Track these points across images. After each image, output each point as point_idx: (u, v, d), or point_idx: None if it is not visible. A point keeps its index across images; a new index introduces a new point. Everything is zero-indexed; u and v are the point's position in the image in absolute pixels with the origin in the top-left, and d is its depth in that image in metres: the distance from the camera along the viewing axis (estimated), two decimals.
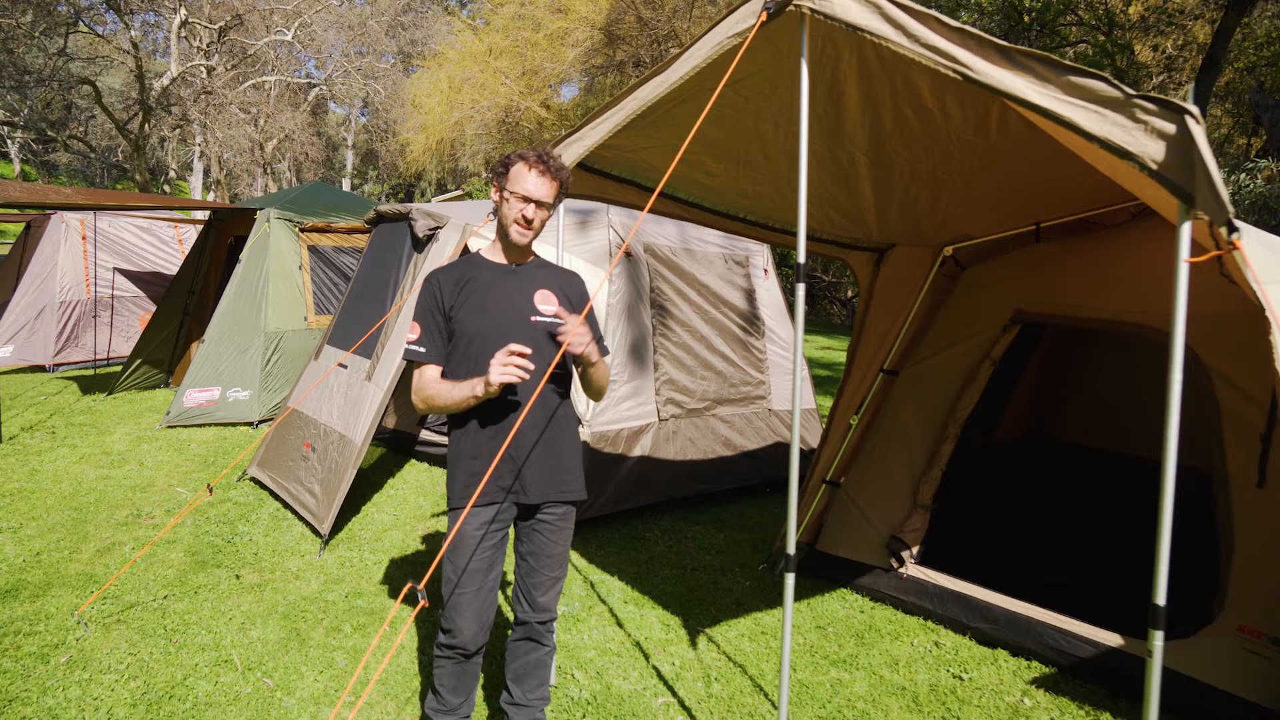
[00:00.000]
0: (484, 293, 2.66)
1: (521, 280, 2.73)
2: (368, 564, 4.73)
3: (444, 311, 2.64)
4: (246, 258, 8.00)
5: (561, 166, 2.67)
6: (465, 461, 2.66)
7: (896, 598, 4.62)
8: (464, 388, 2.50)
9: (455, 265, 2.74)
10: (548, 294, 2.75)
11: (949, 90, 3.13)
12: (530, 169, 2.61)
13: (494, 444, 2.62)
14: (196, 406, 7.71)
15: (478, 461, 2.64)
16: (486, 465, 2.61)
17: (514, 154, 2.66)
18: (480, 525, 2.67)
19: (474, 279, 2.68)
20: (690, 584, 4.75)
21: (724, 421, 6.26)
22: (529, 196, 2.59)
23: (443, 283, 2.67)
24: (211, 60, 28.62)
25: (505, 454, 2.63)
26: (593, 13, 22.11)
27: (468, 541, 2.66)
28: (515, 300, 2.69)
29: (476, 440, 2.65)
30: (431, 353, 2.64)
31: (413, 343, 2.65)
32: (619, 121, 2.92)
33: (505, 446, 2.55)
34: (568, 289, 2.82)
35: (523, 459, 2.67)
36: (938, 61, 2.20)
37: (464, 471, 2.66)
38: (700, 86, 2.87)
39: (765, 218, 4.03)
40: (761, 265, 6.84)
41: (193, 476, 6.26)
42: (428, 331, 2.65)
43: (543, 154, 2.64)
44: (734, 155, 3.37)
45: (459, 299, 2.65)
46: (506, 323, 2.64)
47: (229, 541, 4.97)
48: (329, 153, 44.26)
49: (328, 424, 5.37)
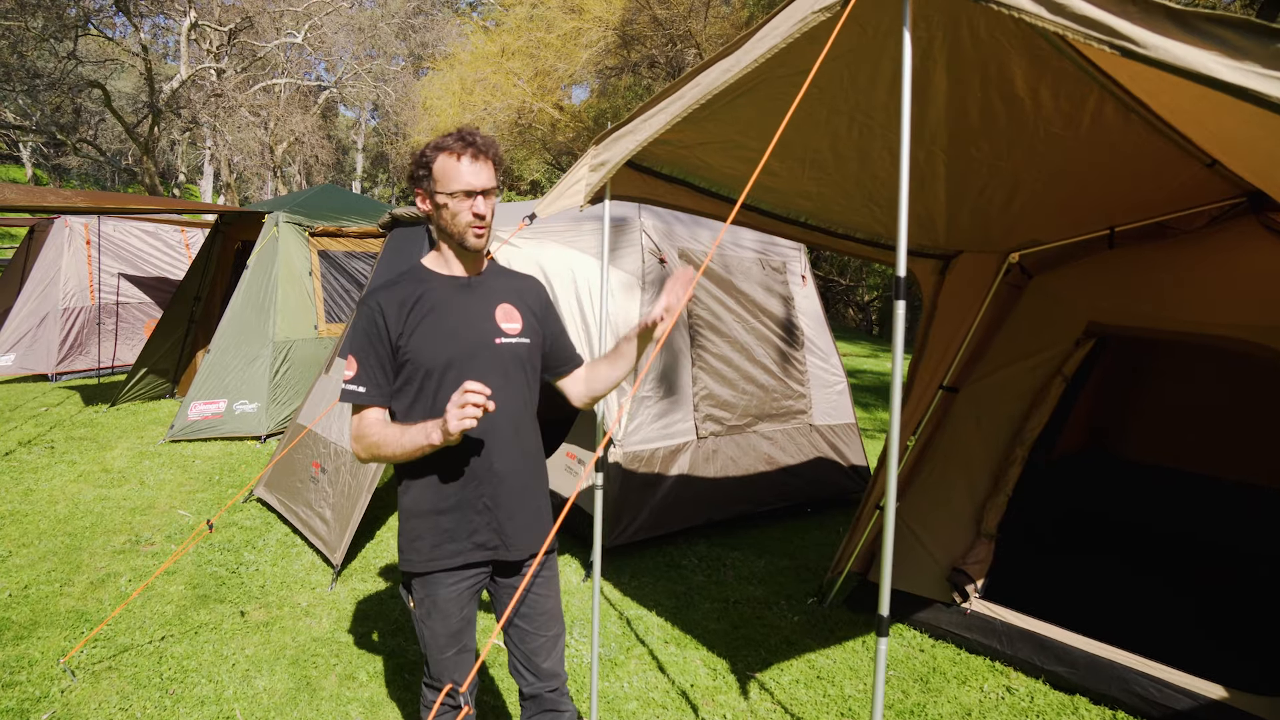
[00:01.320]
0: (439, 315, 2.19)
1: (480, 296, 2.27)
2: (383, 599, 4.35)
3: (389, 341, 2.15)
4: (254, 263, 7.64)
5: (490, 140, 2.19)
6: (430, 517, 2.22)
7: (959, 635, 4.23)
8: (415, 434, 2.05)
9: (397, 283, 2.22)
10: (510, 309, 2.30)
11: (1045, 77, 2.78)
12: (460, 157, 2.13)
13: (467, 493, 2.21)
14: (202, 420, 7.36)
15: (448, 516, 2.21)
16: (460, 519, 2.22)
17: (429, 147, 2.18)
18: (457, 589, 2.27)
19: (424, 298, 2.19)
20: (734, 619, 4.36)
21: (766, 438, 5.87)
22: (473, 189, 2.13)
23: (385, 306, 2.16)
24: (221, 63, 28.36)
25: (480, 503, 2.22)
26: (607, 13, 21.73)
27: (448, 609, 2.26)
28: (477, 321, 2.23)
29: (443, 491, 2.21)
30: (373, 392, 2.16)
31: (350, 381, 2.16)
32: (677, 113, 2.52)
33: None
34: (530, 300, 2.38)
35: (501, 508, 2.25)
36: (1090, 36, 1.80)
37: (431, 529, 2.22)
38: (770, 73, 2.49)
39: (828, 222, 3.63)
40: (799, 271, 6.44)
41: (196, 497, 5.89)
42: (367, 367, 2.16)
43: (464, 135, 2.16)
44: (800, 153, 2.97)
45: (408, 324, 2.16)
46: (470, 349, 2.19)
47: (233, 572, 4.60)
48: (339, 156, 44.00)
49: (339, 443, 5.00)
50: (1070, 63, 2.70)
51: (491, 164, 2.19)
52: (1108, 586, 4.86)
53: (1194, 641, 4.10)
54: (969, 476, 4.40)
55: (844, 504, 6.41)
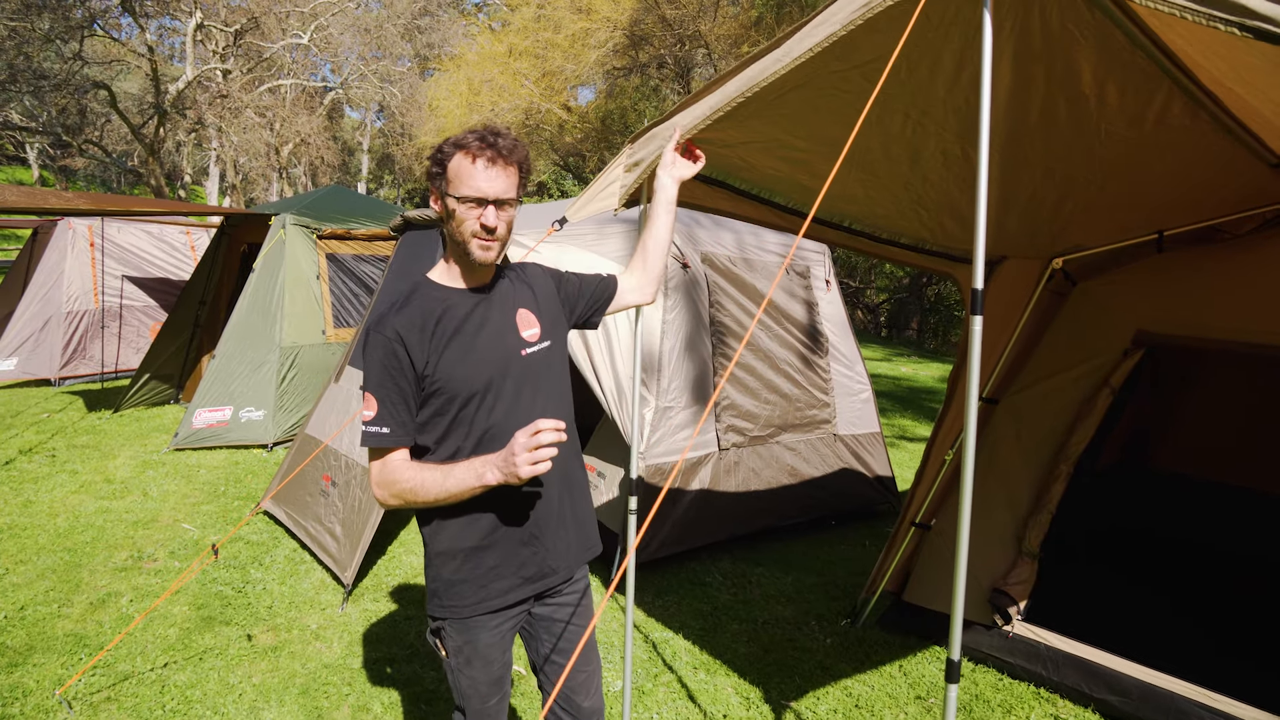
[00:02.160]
0: (466, 333, 1.97)
1: (500, 306, 2.06)
2: (397, 621, 4.15)
3: (414, 373, 1.92)
4: (260, 267, 7.45)
5: (516, 143, 1.96)
6: (472, 557, 2.00)
7: (1001, 659, 4.03)
8: (463, 476, 1.83)
9: (410, 304, 1.98)
10: (526, 314, 2.10)
11: (1114, 72, 2.58)
12: (475, 159, 1.89)
13: (510, 524, 2.01)
14: (207, 428, 7.16)
15: (492, 553, 2.01)
16: (505, 554, 2.02)
17: (448, 143, 1.95)
18: (500, 630, 2.07)
19: (445, 318, 1.96)
20: (764, 642, 4.15)
21: (789, 449, 5.66)
22: (483, 197, 1.89)
23: (405, 333, 1.91)
24: (227, 64, 28.23)
25: (526, 533, 2.03)
26: (615, 13, 21.56)
27: (490, 654, 2.06)
28: (503, 334, 2.03)
29: (484, 525, 1.99)
30: (398, 433, 1.91)
31: (371, 423, 1.90)
32: (717, 105, 2.32)
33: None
34: (539, 292, 2.18)
35: (547, 533, 2.06)
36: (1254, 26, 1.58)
37: (475, 569, 2.01)
38: (823, 67, 2.29)
39: (872, 226, 3.43)
40: (822, 276, 6.24)
41: (201, 510, 5.69)
42: (389, 405, 1.90)
43: (486, 135, 1.92)
44: (849, 153, 2.77)
45: (433, 349, 1.93)
46: (503, 366, 1.99)
47: (240, 591, 4.40)
48: (344, 157, 43.89)
49: (350, 455, 4.80)
50: (1144, 56, 2.50)
51: (514, 170, 1.96)
52: (1156, 607, 4.64)
53: (1254, 669, 3.89)
54: (1009, 492, 4.20)
55: (868, 516, 6.20)
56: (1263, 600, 4.75)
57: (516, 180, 1.98)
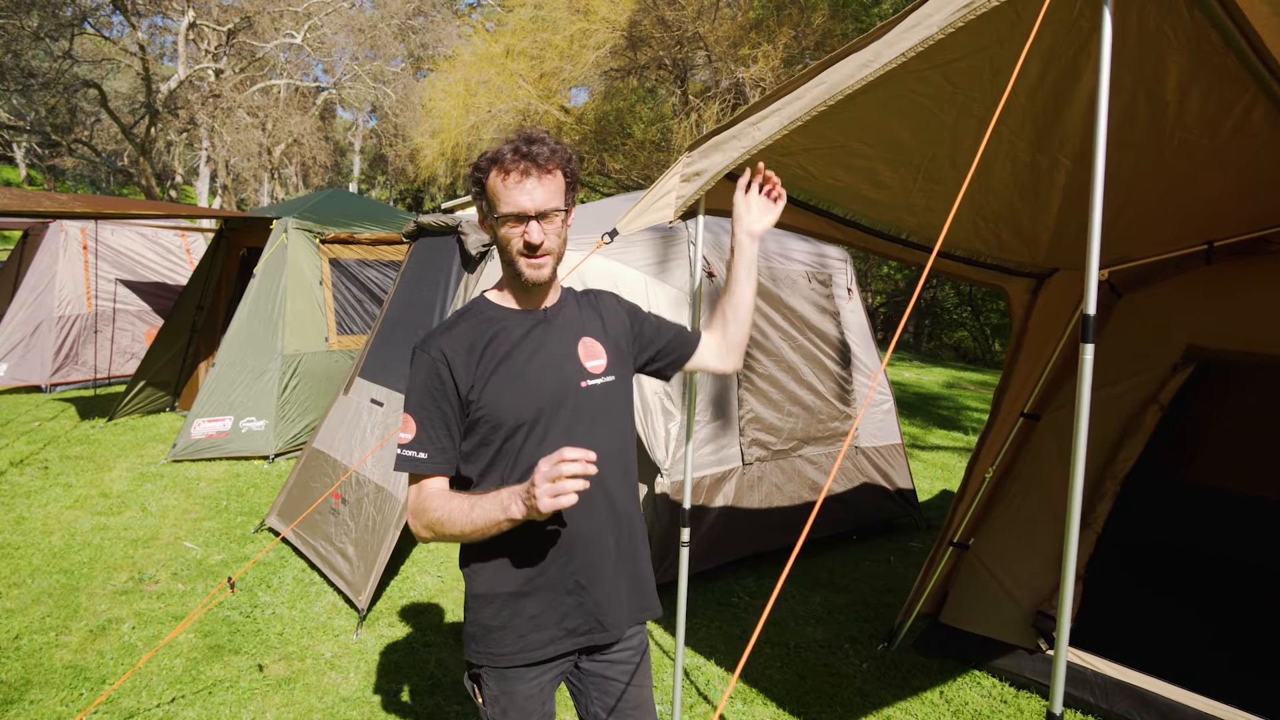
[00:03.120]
0: (517, 359, 1.82)
1: (560, 331, 1.90)
2: (415, 648, 3.95)
3: (458, 397, 1.79)
4: (262, 272, 7.23)
5: (556, 147, 1.81)
6: (511, 603, 1.84)
7: (1044, 685, 3.87)
8: (489, 508, 1.67)
9: (460, 323, 1.86)
10: (591, 343, 1.93)
11: (1200, 76, 2.43)
12: (509, 174, 1.75)
13: (554, 570, 1.84)
14: (206, 439, 6.94)
15: (533, 600, 1.84)
16: (547, 602, 1.85)
17: (483, 159, 1.81)
18: (539, 682, 1.89)
19: (496, 340, 1.83)
20: (799, 668, 3.98)
21: (811, 463, 5.48)
22: (523, 212, 1.75)
23: (451, 354, 1.79)
24: (220, 63, 27.90)
25: (571, 581, 1.85)
26: (614, 14, 21.35)
27: (528, 706, 1.89)
28: (560, 362, 1.87)
29: (525, 570, 1.83)
30: (437, 459, 1.79)
31: (407, 446, 1.79)
32: (796, 115, 2.12)
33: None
34: (610, 322, 2.01)
35: (596, 584, 1.87)
36: None
37: (513, 616, 1.84)
38: (905, 69, 2.11)
39: (929, 239, 3.25)
40: (844, 284, 6.07)
41: (202, 526, 5.47)
42: (428, 428, 1.79)
43: (520, 146, 1.77)
44: (916, 161, 2.59)
45: (479, 373, 1.79)
46: (556, 398, 1.83)
47: (248, 616, 4.19)
48: (337, 158, 43.55)
49: (361, 471, 4.60)
50: (1236, 60, 2.35)
51: (556, 177, 1.81)
52: (1198, 626, 4.48)
53: None
54: (1052, 512, 4.04)
55: (891, 531, 6.04)
56: None
57: (561, 187, 1.83)
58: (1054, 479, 4.08)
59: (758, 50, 19.88)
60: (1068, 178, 2.85)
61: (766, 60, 19.72)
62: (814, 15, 20.22)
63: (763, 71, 19.73)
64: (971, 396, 13.25)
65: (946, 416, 11.27)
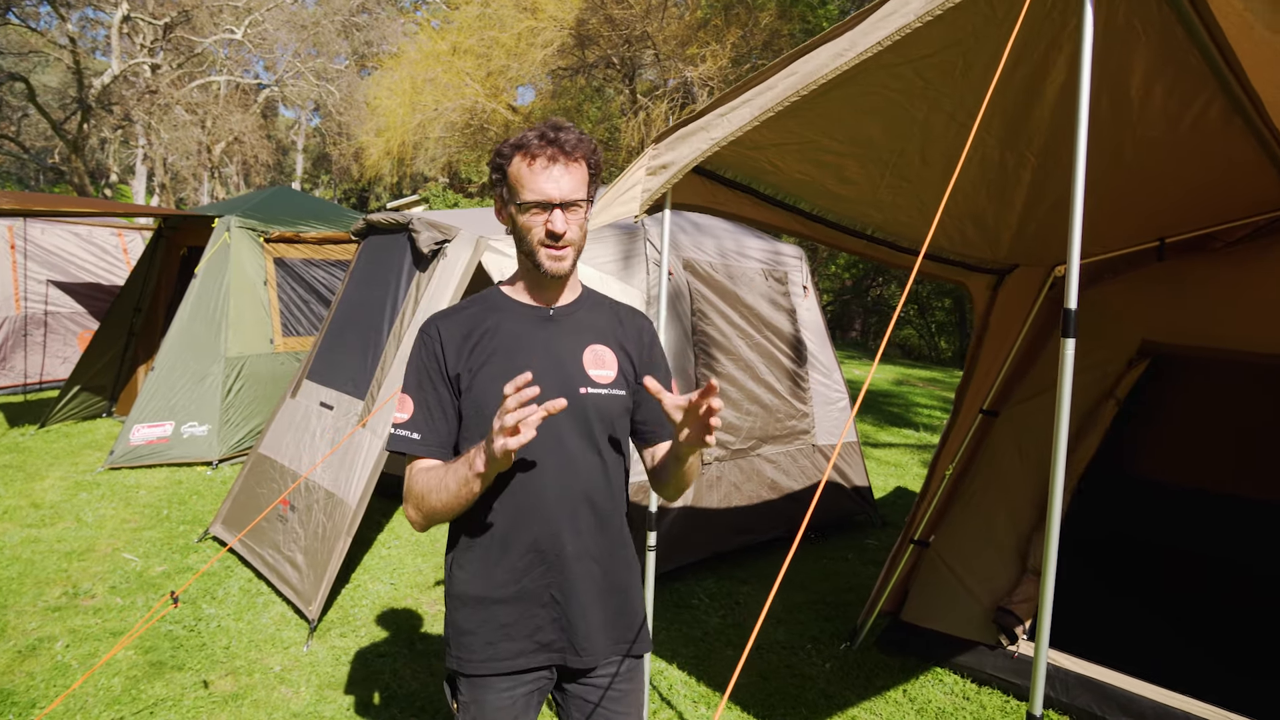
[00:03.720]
0: (511, 353, 1.75)
1: (566, 332, 1.81)
2: (369, 659, 3.82)
3: (448, 378, 1.75)
4: (203, 272, 6.98)
5: (583, 137, 1.74)
6: (484, 607, 1.76)
7: (1007, 681, 3.89)
8: (459, 468, 1.61)
9: (464, 309, 1.83)
10: (602, 351, 1.83)
11: (1165, 72, 2.45)
12: (534, 160, 1.68)
13: (530, 581, 1.76)
14: (145, 445, 6.69)
15: (506, 608, 1.76)
16: (520, 612, 1.76)
17: (506, 145, 1.74)
18: (511, 695, 1.79)
19: (494, 331, 1.77)
20: (761, 669, 3.94)
21: (769, 461, 5.45)
22: (548, 200, 1.68)
23: (445, 335, 1.77)
24: (156, 58, 27.09)
25: (546, 594, 1.76)
26: (562, 12, 21.23)
27: (498, 718, 1.79)
28: (559, 364, 1.78)
29: (500, 575, 1.75)
30: (430, 439, 1.74)
31: (401, 425, 1.75)
32: (767, 107, 2.07)
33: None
34: (629, 341, 1.88)
35: (572, 603, 1.78)
36: None
37: (485, 622, 1.76)
38: (876, 60, 2.07)
39: (894, 235, 3.22)
40: (800, 282, 6.05)
41: (142, 536, 5.25)
42: (424, 408, 1.75)
43: (546, 132, 1.70)
44: (885, 157, 2.55)
45: (472, 361, 1.75)
46: (547, 399, 1.68)
47: (192, 630, 4.01)
48: (279, 156, 42.67)
49: (311, 477, 4.45)
50: (1198, 54, 2.36)
51: (581, 167, 1.73)
52: (1148, 618, 4.55)
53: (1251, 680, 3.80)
54: (1011, 507, 4.06)
55: (848, 528, 6.05)
56: (1249, 608, 4.69)
57: (585, 178, 1.75)
58: (1012, 475, 4.09)
59: (706, 50, 19.93)
60: (1033, 175, 2.84)
61: (714, 59, 19.79)
62: (761, 15, 20.33)
63: (711, 71, 19.79)
64: (921, 393, 13.41)
65: (897, 414, 11.37)
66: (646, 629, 1.94)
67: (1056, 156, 2.77)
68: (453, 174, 32.15)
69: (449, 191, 30.17)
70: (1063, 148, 2.73)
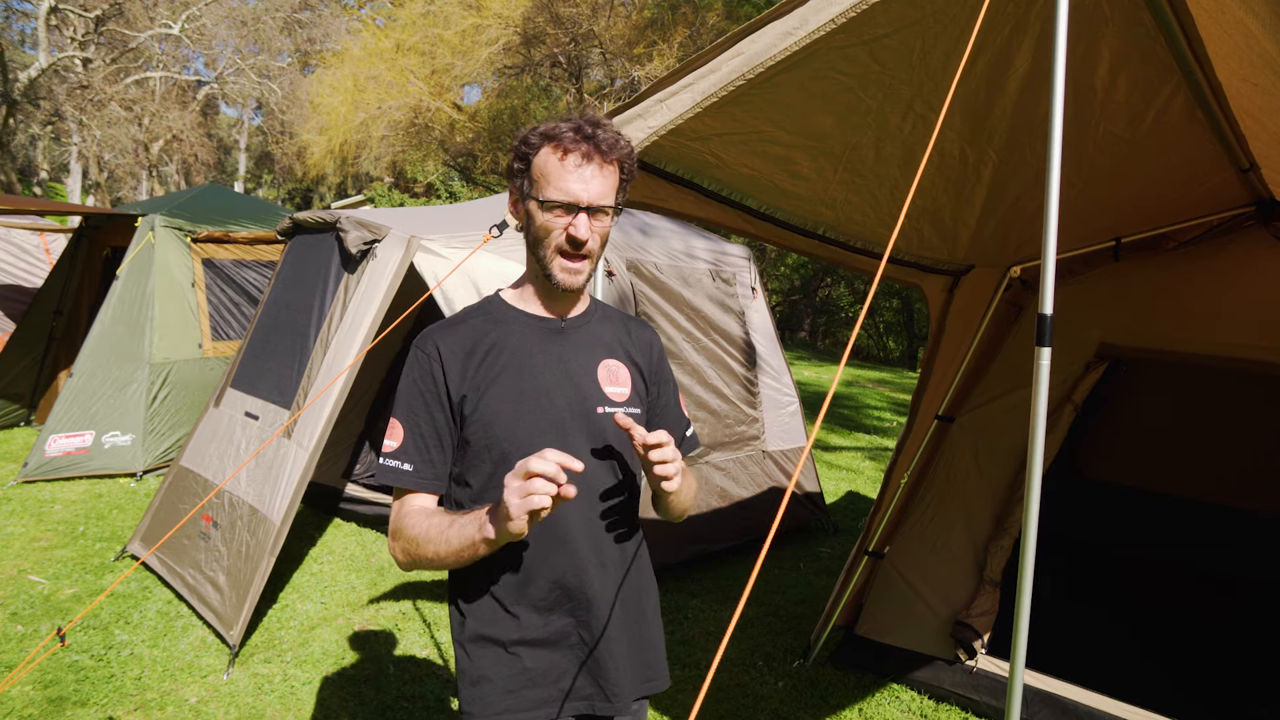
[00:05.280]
0: (522, 370, 1.57)
1: (577, 346, 1.64)
2: (295, 685, 3.56)
3: (449, 402, 1.56)
4: (126, 273, 6.61)
5: (619, 138, 1.55)
6: (503, 652, 1.57)
7: (964, 696, 3.77)
8: (466, 525, 1.42)
9: (464, 321, 1.63)
10: (615, 366, 1.66)
11: (1130, 62, 2.35)
12: (568, 154, 1.49)
13: (556, 622, 1.58)
14: (63, 455, 6.30)
15: (530, 653, 1.57)
16: (546, 658, 1.58)
17: (535, 133, 1.54)
18: None
19: (500, 346, 1.58)
20: (711, 690, 3.77)
21: (719, 469, 5.29)
22: (575, 201, 1.49)
23: (445, 353, 1.56)
24: (88, 52, 26.17)
25: (575, 636, 1.59)
26: (507, 10, 20.94)
27: None
28: (574, 381, 1.61)
29: (523, 618, 1.57)
30: (424, 472, 1.55)
31: (391, 454, 1.55)
32: (709, 92, 1.89)
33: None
34: (640, 355, 1.73)
35: (602, 644, 1.59)
36: None
37: (504, 668, 1.57)
38: (827, 41, 1.90)
39: (847, 235, 3.06)
40: (749, 283, 5.91)
41: (54, 556, 4.90)
42: (417, 436, 1.55)
43: (583, 126, 1.51)
44: (837, 151, 2.39)
45: (476, 380, 1.55)
46: (563, 421, 1.56)
47: (100, 659, 3.71)
48: (221, 155, 41.63)
49: (233, 492, 4.18)
50: (1164, 41, 2.25)
51: (614, 170, 1.55)
52: (1102, 625, 4.48)
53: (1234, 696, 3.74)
54: (968, 516, 3.96)
55: (800, 537, 5.91)
56: (1203, 612, 4.66)
57: (617, 183, 1.57)
58: (969, 483, 3.99)
59: (653, 49, 19.81)
60: (993, 173, 2.71)
61: (662, 59, 19.69)
62: (708, 14, 20.26)
63: (658, 70, 19.68)
64: (871, 395, 13.39)
65: (848, 416, 11.32)
66: (663, 658, 1.78)
67: (1019, 153, 2.64)
68: (398, 173, 31.62)
69: (394, 191, 29.67)
70: (1024, 144, 2.60)
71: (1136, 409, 5.59)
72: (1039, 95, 2.35)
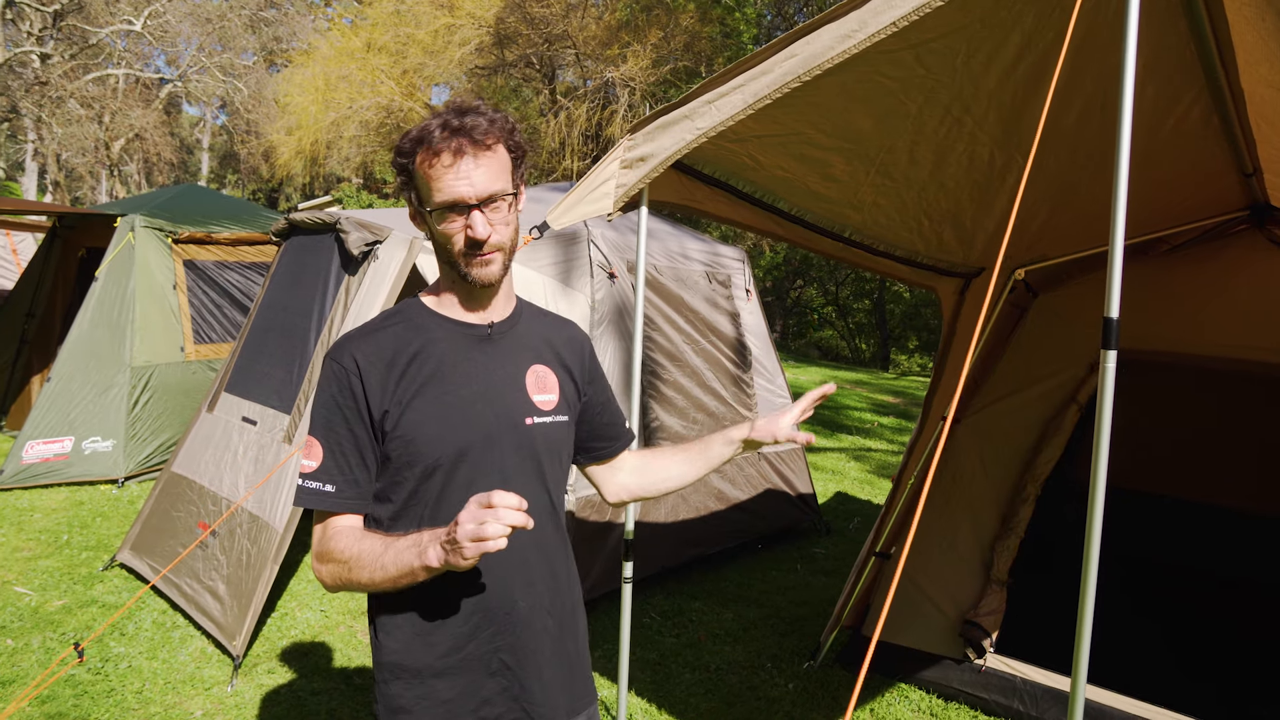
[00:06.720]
0: (447, 381, 1.49)
1: (505, 353, 1.56)
2: (301, 696, 3.50)
3: (369, 418, 1.46)
4: (105, 275, 6.46)
5: (495, 116, 1.46)
6: (421, 681, 1.49)
7: (973, 695, 3.79)
8: (403, 552, 1.34)
9: (381, 328, 1.53)
10: (544, 372, 1.60)
11: (1159, 69, 2.38)
12: (439, 156, 1.41)
13: (477, 646, 1.49)
14: (41, 462, 6.15)
15: (448, 682, 1.48)
16: (465, 686, 1.49)
17: (407, 139, 1.46)
18: None
19: (423, 355, 1.49)
20: (723, 693, 3.76)
21: (715, 470, 5.26)
22: (461, 201, 1.41)
23: (364, 365, 1.46)
24: (45, 47, 25.59)
25: (495, 661, 1.50)
26: (480, 9, 20.80)
27: None
28: (502, 391, 1.53)
29: (441, 642, 1.48)
30: (346, 492, 1.46)
31: (310, 475, 1.46)
32: (761, 94, 1.87)
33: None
34: (569, 357, 1.67)
35: (526, 666, 1.53)
36: None
37: (422, 698, 1.49)
38: (878, 47, 1.89)
39: (872, 238, 3.06)
40: (743, 284, 5.91)
41: (39, 566, 4.77)
42: (337, 454, 1.46)
43: (450, 120, 1.42)
44: (872, 153, 2.38)
45: (400, 393, 1.46)
46: (490, 433, 1.49)
47: (98, 673, 3.61)
48: (184, 155, 40.93)
49: (231, 499, 4.09)
50: (1195, 49, 2.28)
51: (498, 153, 1.45)
52: (1121, 628, 4.52)
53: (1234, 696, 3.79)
54: (975, 517, 3.99)
55: (795, 537, 5.92)
56: (1203, 612, 4.72)
57: (506, 165, 1.47)
58: (974, 484, 4.02)
59: (627, 50, 19.77)
60: (1017, 178, 2.73)
61: (636, 60, 19.65)
62: (682, 16, 20.27)
63: (632, 71, 19.65)
64: (850, 395, 13.47)
65: (829, 417, 11.37)
66: (591, 675, 1.71)
67: (1040, 159, 2.66)
68: (367, 174, 31.31)
69: (363, 192, 29.36)
70: (1047, 150, 2.62)
71: (1136, 411, 5.66)
72: (1069, 103, 2.37)
